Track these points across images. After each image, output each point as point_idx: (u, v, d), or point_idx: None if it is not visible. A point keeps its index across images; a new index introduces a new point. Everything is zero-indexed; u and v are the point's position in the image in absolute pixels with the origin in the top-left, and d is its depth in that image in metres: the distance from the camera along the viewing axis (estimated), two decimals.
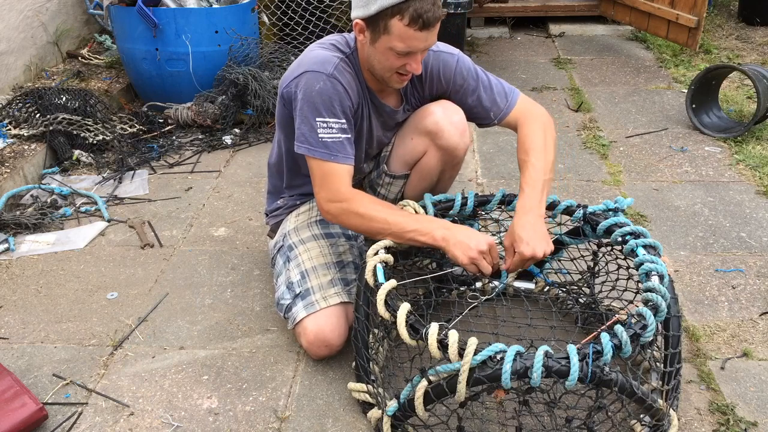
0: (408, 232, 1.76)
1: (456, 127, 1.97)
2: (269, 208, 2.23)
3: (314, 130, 1.79)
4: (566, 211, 1.95)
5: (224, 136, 3.40)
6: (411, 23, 1.68)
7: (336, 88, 1.80)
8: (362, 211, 1.79)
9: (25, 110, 3.21)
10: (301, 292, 1.92)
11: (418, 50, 1.76)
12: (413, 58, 1.77)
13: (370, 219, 1.79)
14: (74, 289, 2.31)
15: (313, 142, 1.80)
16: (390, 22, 1.69)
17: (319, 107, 1.79)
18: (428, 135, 1.98)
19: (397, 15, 1.67)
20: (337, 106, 1.80)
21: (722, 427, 1.71)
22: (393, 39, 1.72)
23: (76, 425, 1.75)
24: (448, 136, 1.97)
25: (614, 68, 4.34)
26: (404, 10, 1.66)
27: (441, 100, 1.99)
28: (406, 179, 2.12)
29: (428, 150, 2.02)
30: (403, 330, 1.52)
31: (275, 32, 4.19)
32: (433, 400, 1.52)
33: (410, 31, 1.69)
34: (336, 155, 1.80)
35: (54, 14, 4.00)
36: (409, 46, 1.73)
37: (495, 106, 2.00)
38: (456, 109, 1.98)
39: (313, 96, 1.79)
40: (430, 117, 1.96)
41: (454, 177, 2.19)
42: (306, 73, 1.82)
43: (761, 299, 2.19)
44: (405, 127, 2.06)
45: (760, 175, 2.95)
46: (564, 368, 1.39)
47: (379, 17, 1.70)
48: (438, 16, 1.70)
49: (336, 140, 1.80)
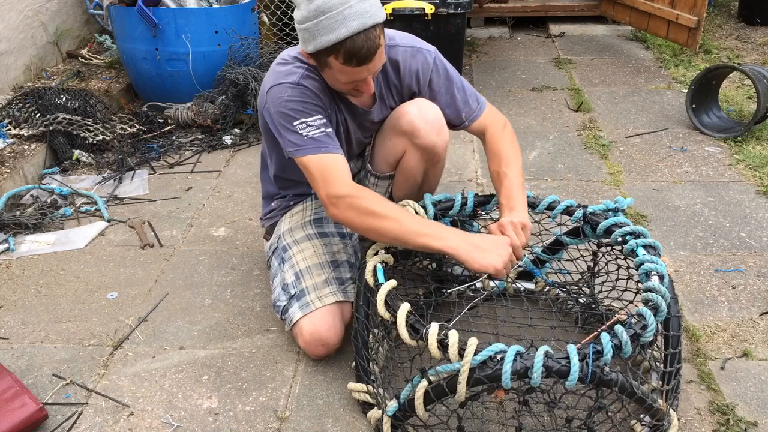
0: (422, 236, 1.69)
1: (432, 125, 1.94)
2: (264, 211, 2.24)
3: (297, 132, 1.78)
4: (566, 211, 1.95)
5: (224, 136, 3.40)
6: (346, 62, 1.68)
7: (304, 92, 1.80)
8: (373, 208, 1.72)
9: (25, 110, 3.22)
10: (296, 293, 1.92)
11: (362, 78, 1.76)
12: (361, 82, 1.77)
13: (381, 217, 1.71)
14: (74, 289, 2.31)
15: (300, 142, 1.78)
16: (328, 60, 1.70)
17: (292, 114, 1.78)
18: (405, 135, 1.96)
19: (332, 54, 1.67)
20: (309, 106, 1.80)
21: (722, 427, 1.71)
22: (335, 72, 1.73)
23: (76, 425, 1.75)
24: (425, 135, 1.94)
25: (614, 68, 4.34)
26: (338, 51, 1.66)
27: (416, 98, 1.97)
28: (392, 180, 2.12)
29: (407, 150, 2.00)
30: (403, 330, 1.52)
31: (275, 32, 4.19)
32: (433, 400, 1.52)
33: (347, 67, 1.69)
34: (327, 146, 1.78)
35: (54, 14, 4.00)
36: (351, 78, 1.74)
37: (467, 107, 2.00)
38: (431, 107, 1.95)
39: (283, 105, 1.79)
40: (405, 117, 1.94)
41: (440, 174, 2.16)
42: (272, 88, 1.82)
43: (761, 299, 2.19)
44: (383, 128, 2.04)
45: (760, 175, 2.95)
46: (564, 368, 1.39)
47: (318, 55, 1.70)
48: (374, 48, 1.68)
49: (322, 134, 1.79)
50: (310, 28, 1.65)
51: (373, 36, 1.67)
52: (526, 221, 1.81)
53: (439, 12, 3.78)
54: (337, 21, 1.62)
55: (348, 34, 1.63)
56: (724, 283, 2.27)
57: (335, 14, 1.62)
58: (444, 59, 2.00)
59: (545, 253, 2.13)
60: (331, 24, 1.63)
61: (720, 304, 2.17)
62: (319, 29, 1.64)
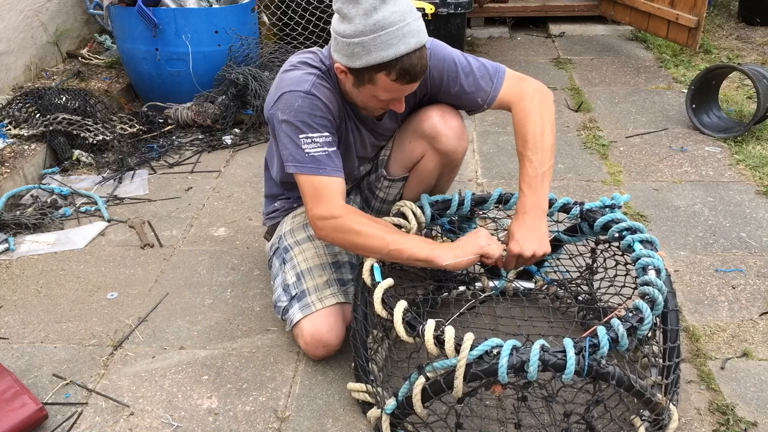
0: (406, 250, 1.72)
1: (454, 131, 1.95)
2: (266, 211, 2.24)
3: (299, 147, 1.76)
4: (563, 209, 1.95)
5: (224, 136, 3.40)
6: (398, 79, 1.66)
7: (314, 104, 1.77)
8: (359, 228, 1.73)
9: (25, 110, 3.22)
10: (297, 294, 1.92)
11: (401, 96, 1.76)
12: (398, 100, 1.77)
13: (367, 236, 1.73)
14: (74, 289, 2.31)
15: (301, 159, 1.76)
16: (376, 76, 1.67)
17: (300, 125, 1.76)
18: (426, 139, 1.97)
19: (384, 71, 1.65)
20: (318, 121, 1.77)
21: (722, 427, 1.71)
22: (378, 90, 1.71)
23: (76, 425, 1.76)
24: (446, 140, 1.95)
25: (614, 68, 4.34)
26: (392, 67, 1.63)
27: (439, 104, 1.96)
28: (405, 182, 2.12)
29: (426, 153, 2.00)
30: (399, 327, 1.52)
31: (275, 32, 4.19)
32: (431, 397, 1.52)
33: (396, 84, 1.68)
34: (325, 168, 1.76)
35: (54, 14, 4.00)
36: (393, 95, 1.73)
37: (481, 90, 1.91)
38: (454, 113, 1.97)
39: (293, 115, 1.76)
40: (428, 121, 1.94)
41: (453, 179, 2.18)
42: (284, 95, 1.78)
43: (761, 299, 2.19)
44: (403, 130, 2.04)
45: (760, 175, 2.95)
46: (560, 362, 1.39)
47: (365, 71, 1.67)
48: (425, 65, 1.67)
49: (323, 153, 1.76)
50: (366, 42, 1.61)
51: (425, 54, 1.67)
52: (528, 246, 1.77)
53: (439, 12, 3.78)
54: (396, 37, 1.60)
55: (406, 51, 1.61)
56: (724, 283, 2.27)
57: (395, 30, 1.59)
58: (443, 46, 1.91)
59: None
60: (390, 40, 1.60)
61: (720, 304, 2.17)
62: (377, 45, 1.60)
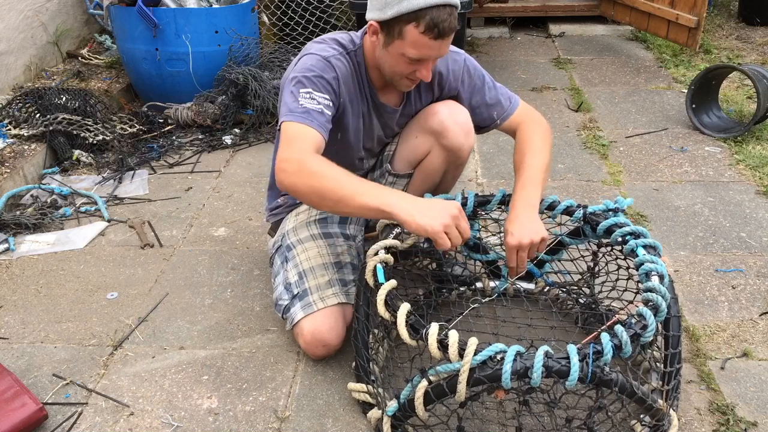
0: (360, 194, 1.61)
1: (461, 127, 1.97)
2: (270, 206, 2.22)
3: (296, 99, 1.74)
4: (566, 212, 1.95)
5: (224, 136, 3.40)
6: (426, 31, 1.68)
7: (328, 68, 1.79)
8: (315, 168, 1.64)
9: (25, 110, 3.22)
10: (298, 293, 1.92)
11: (430, 58, 1.76)
12: (424, 65, 1.78)
13: (321, 176, 1.63)
14: (74, 289, 2.31)
15: (293, 108, 1.74)
16: (405, 28, 1.69)
17: (305, 82, 1.76)
18: (433, 134, 1.98)
19: (413, 22, 1.67)
20: (324, 83, 1.78)
21: (722, 427, 1.71)
22: (406, 45, 1.72)
23: (76, 425, 1.75)
24: (453, 136, 1.96)
25: (614, 68, 4.34)
26: (421, 18, 1.66)
27: (447, 100, 1.99)
28: (410, 178, 2.12)
29: (432, 149, 2.01)
30: (403, 330, 1.52)
31: (275, 32, 4.19)
32: (433, 400, 1.52)
33: (425, 39, 1.69)
34: (311, 121, 1.73)
35: (54, 14, 4.00)
36: (421, 53, 1.73)
37: (499, 105, 2.02)
38: (461, 110, 1.98)
39: (303, 73, 1.78)
40: (436, 116, 1.96)
41: (458, 177, 2.19)
42: (303, 58, 1.82)
43: (761, 299, 2.19)
44: (410, 126, 2.05)
45: (760, 175, 2.95)
46: (564, 368, 1.39)
47: (395, 22, 1.70)
48: (453, 26, 1.70)
49: (316, 109, 1.74)
50: None
51: (455, 15, 1.69)
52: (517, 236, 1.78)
53: None
54: None
55: (436, 2, 1.64)
56: (724, 283, 2.27)
57: None
58: (473, 59, 2.02)
59: (545, 254, 2.12)
60: None
61: (720, 304, 2.17)
62: None
